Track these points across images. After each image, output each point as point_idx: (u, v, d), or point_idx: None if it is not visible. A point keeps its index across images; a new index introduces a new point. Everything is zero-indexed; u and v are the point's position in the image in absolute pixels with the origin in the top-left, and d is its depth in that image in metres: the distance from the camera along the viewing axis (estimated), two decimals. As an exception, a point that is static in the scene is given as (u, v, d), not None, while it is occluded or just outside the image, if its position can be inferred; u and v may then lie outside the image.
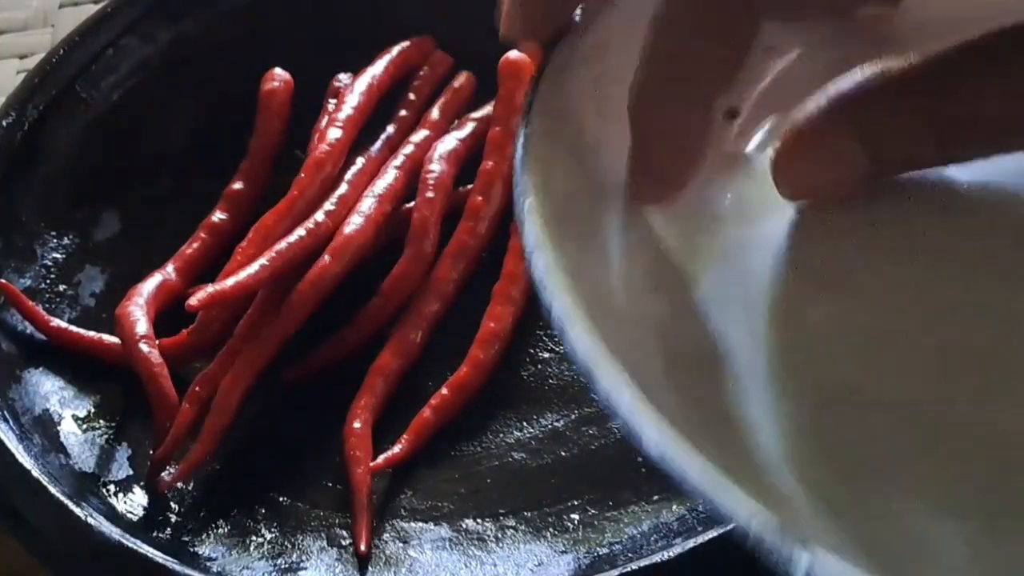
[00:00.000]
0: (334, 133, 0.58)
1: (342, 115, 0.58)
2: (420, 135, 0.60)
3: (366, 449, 0.51)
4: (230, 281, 0.52)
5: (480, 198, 0.57)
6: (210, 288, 0.52)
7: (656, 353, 0.34)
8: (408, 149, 0.59)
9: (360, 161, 0.58)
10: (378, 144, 0.59)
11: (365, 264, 0.56)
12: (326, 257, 0.54)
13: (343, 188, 0.57)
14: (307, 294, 0.53)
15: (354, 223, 0.55)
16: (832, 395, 0.34)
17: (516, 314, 0.54)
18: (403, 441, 0.51)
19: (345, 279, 0.55)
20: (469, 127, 0.60)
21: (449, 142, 0.59)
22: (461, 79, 0.62)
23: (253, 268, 0.53)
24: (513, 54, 0.59)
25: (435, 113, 0.61)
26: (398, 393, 0.53)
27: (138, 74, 0.62)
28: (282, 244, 0.54)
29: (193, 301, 0.51)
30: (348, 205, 0.56)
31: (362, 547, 0.48)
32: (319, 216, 0.55)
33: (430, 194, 0.57)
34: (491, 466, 0.52)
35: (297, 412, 0.53)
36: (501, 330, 0.54)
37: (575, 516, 0.49)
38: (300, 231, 0.55)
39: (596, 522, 0.49)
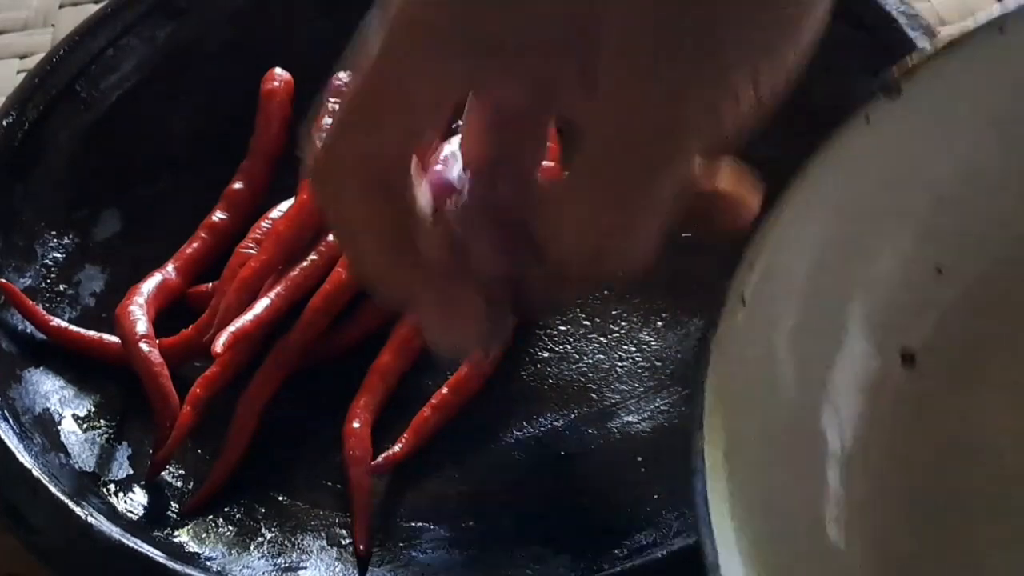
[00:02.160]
0: (340, 136, 0.58)
1: (346, 117, 0.58)
2: None
3: (365, 449, 0.51)
4: (249, 317, 0.52)
5: (479, 199, 0.57)
6: (232, 328, 0.51)
7: None
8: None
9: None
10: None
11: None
12: (339, 270, 0.54)
13: None
14: (322, 308, 0.54)
15: None
16: None
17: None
18: (403, 441, 0.51)
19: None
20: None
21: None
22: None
23: (269, 300, 0.53)
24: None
25: None
26: (398, 393, 0.53)
27: (138, 74, 0.62)
28: (295, 271, 0.54)
29: (218, 348, 0.51)
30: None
31: (361, 548, 0.48)
32: (331, 236, 0.55)
33: (432, 196, 0.57)
34: (491, 466, 0.52)
35: (297, 412, 0.53)
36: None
37: (575, 516, 0.49)
38: (312, 255, 0.55)
39: (596, 522, 0.49)
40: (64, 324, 0.55)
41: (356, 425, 0.51)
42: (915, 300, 0.42)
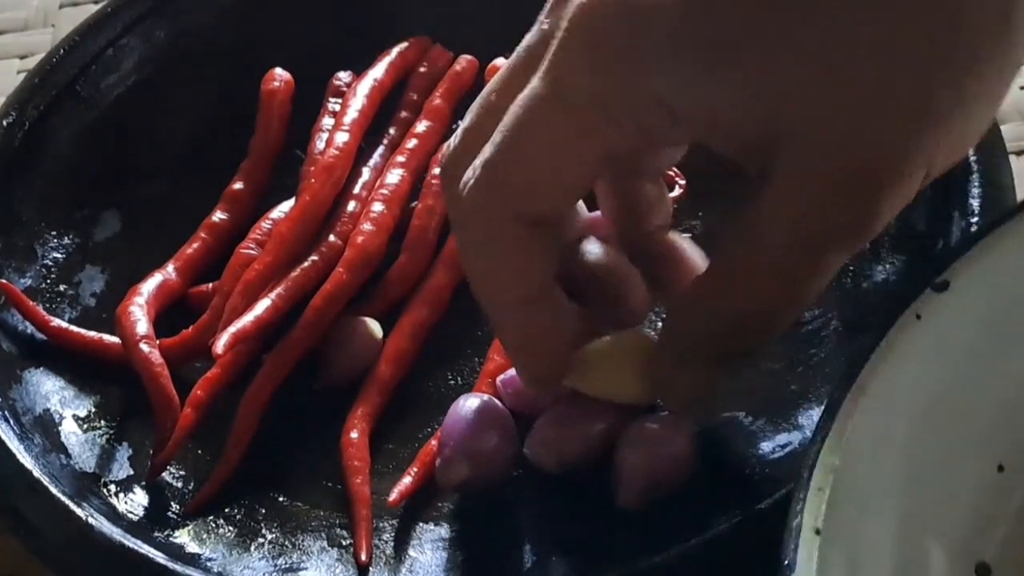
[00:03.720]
0: (341, 137, 0.57)
1: (347, 119, 0.58)
2: (423, 125, 0.60)
3: (364, 459, 0.51)
4: (249, 318, 0.52)
5: (471, 206, 0.57)
6: (232, 329, 0.51)
7: None
8: (412, 143, 0.59)
9: (366, 172, 0.58)
10: (381, 149, 0.59)
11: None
12: (340, 270, 0.54)
13: (352, 205, 0.57)
14: (323, 309, 0.54)
15: (365, 232, 0.55)
16: None
17: None
18: (411, 473, 0.50)
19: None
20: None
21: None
22: (463, 63, 0.62)
23: (269, 301, 0.53)
24: (500, 61, 0.59)
25: (437, 100, 0.61)
26: (398, 395, 0.53)
27: (138, 74, 0.62)
28: (296, 271, 0.54)
29: (219, 348, 0.50)
30: (357, 222, 0.56)
31: (363, 557, 0.48)
32: (331, 237, 0.55)
33: (431, 201, 0.57)
34: (491, 466, 0.51)
35: (297, 412, 0.53)
36: (508, 366, 0.52)
37: (576, 517, 0.49)
38: (313, 256, 0.55)
39: (597, 524, 0.49)
40: (64, 324, 0.55)
41: (354, 435, 0.51)
42: (984, 507, 0.40)
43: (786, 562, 0.35)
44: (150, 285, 0.55)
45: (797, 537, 0.36)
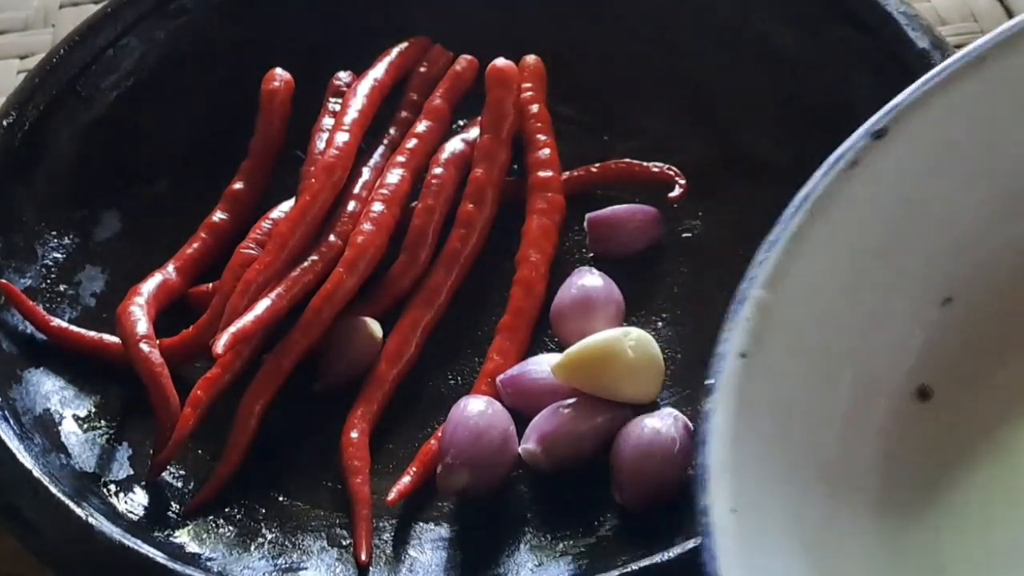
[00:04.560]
0: (342, 137, 0.57)
1: (348, 119, 0.58)
2: (423, 125, 0.60)
3: (364, 459, 0.51)
4: (249, 317, 0.52)
5: (471, 206, 0.57)
6: (232, 329, 0.51)
7: None
8: (412, 143, 0.59)
9: (366, 172, 0.58)
10: (381, 149, 0.59)
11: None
12: (340, 270, 0.54)
13: (352, 205, 0.57)
14: (323, 309, 0.54)
15: (365, 232, 0.55)
16: None
17: (521, 350, 0.54)
18: (411, 473, 0.50)
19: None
20: (475, 131, 0.59)
21: (456, 144, 0.59)
22: (463, 63, 0.62)
23: (270, 301, 0.53)
24: (500, 61, 0.59)
25: (437, 100, 0.61)
26: (399, 393, 0.53)
27: (138, 74, 0.62)
28: (296, 271, 0.54)
29: (219, 348, 0.50)
30: (358, 222, 0.56)
31: (363, 556, 0.48)
32: (331, 237, 0.55)
33: (430, 201, 0.57)
34: (491, 466, 0.51)
35: (297, 412, 0.53)
36: (507, 366, 0.53)
37: (576, 517, 0.49)
38: (313, 256, 0.55)
39: (596, 522, 0.49)
40: (64, 324, 0.55)
41: (354, 435, 0.51)
42: (929, 339, 0.41)
43: (710, 382, 0.37)
44: (150, 285, 0.55)
45: (722, 361, 0.37)
